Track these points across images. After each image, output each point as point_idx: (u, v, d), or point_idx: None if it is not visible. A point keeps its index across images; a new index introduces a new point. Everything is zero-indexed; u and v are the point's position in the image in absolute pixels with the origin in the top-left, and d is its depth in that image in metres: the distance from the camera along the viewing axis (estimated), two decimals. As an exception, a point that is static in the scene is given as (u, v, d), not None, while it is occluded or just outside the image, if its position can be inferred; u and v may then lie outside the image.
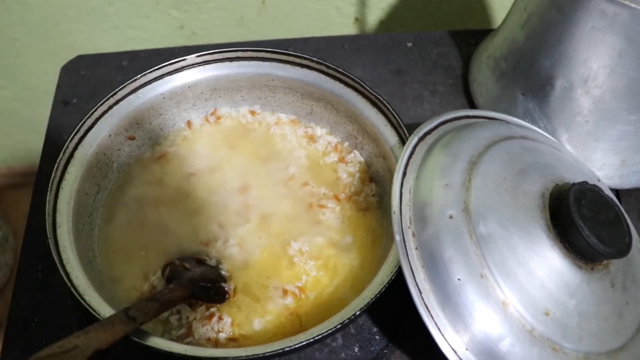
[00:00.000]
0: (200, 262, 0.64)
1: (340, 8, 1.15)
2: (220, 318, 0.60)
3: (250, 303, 0.62)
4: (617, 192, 0.76)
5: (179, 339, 0.59)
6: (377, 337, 0.64)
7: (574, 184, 0.56)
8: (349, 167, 0.73)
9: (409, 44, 0.95)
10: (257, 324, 0.61)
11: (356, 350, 0.63)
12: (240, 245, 0.66)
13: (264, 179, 0.71)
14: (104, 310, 0.54)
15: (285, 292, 0.62)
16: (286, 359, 0.62)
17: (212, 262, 0.64)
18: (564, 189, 0.57)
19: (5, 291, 1.49)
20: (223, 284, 0.63)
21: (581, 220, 0.53)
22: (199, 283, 0.61)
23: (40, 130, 1.39)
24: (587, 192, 0.56)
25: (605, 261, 0.56)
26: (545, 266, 0.53)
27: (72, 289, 0.55)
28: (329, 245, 0.66)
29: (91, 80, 0.90)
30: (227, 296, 0.63)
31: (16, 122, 1.42)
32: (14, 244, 1.56)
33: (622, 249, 0.55)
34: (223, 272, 0.64)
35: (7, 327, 0.65)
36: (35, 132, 1.42)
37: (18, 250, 1.54)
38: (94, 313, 0.53)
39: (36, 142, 1.41)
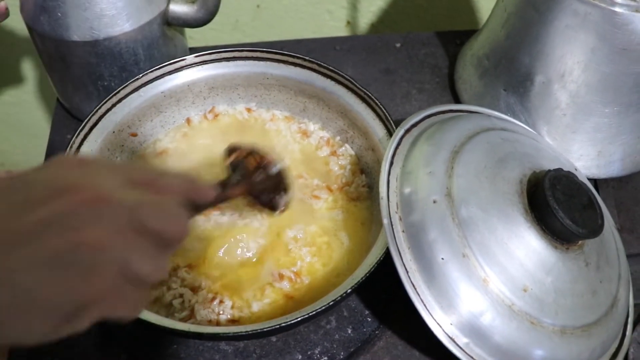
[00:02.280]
0: (262, 164, 0.60)
1: (333, 12, 1.18)
2: (221, 301, 0.64)
3: (248, 287, 0.66)
4: (595, 181, 0.80)
5: (182, 321, 0.62)
6: (369, 319, 0.68)
7: (549, 171, 0.59)
8: (341, 160, 0.76)
9: (398, 45, 0.99)
10: (256, 306, 0.64)
11: (349, 331, 0.67)
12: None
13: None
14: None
15: (281, 276, 0.66)
16: (283, 340, 0.66)
17: (275, 169, 0.60)
18: (540, 175, 0.60)
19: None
20: (281, 195, 0.61)
21: (556, 204, 0.57)
22: (260, 186, 0.58)
23: (39, 134, 1.42)
24: (562, 178, 0.59)
25: (579, 242, 0.59)
26: (523, 246, 0.57)
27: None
28: (322, 233, 0.69)
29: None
30: (282, 208, 0.62)
31: (15, 126, 1.44)
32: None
33: (595, 230, 0.58)
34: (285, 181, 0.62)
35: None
36: (35, 137, 1.45)
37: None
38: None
39: (35, 147, 1.44)
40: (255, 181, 0.58)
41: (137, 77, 0.74)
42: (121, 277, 0.35)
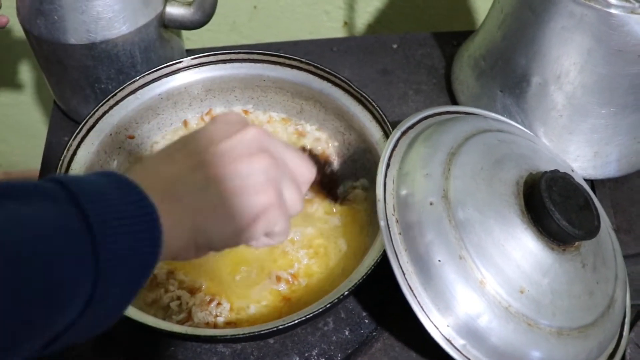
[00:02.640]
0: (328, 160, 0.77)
1: (330, 12, 1.18)
2: (218, 303, 0.64)
3: (246, 289, 0.66)
4: (591, 182, 0.80)
5: (179, 324, 0.63)
6: (367, 321, 0.68)
7: (545, 172, 0.59)
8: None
9: (395, 46, 0.99)
10: (253, 309, 0.64)
11: (347, 333, 0.67)
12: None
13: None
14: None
15: (278, 278, 0.66)
16: (281, 342, 0.66)
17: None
18: (537, 177, 0.60)
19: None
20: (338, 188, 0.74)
21: (552, 205, 0.57)
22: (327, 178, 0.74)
23: (36, 135, 1.43)
24: (558, 180, 0.60)
25: (576, 243, 0.60)
26: (519, 248, 0.57)
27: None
28: (319, 235, 0.70)
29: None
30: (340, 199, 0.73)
31: (13, 127, 1.45)
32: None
33: (591, 232, 0.58)
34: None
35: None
36: (33, 138, 1.45)
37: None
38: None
39: (32, 148, 1.44)
40: (326, 173, 0.69)
41: (134, 79, 0.74)
42: (280, 197, 0.44)
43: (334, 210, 0.72)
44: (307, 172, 0.48)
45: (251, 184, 0.42)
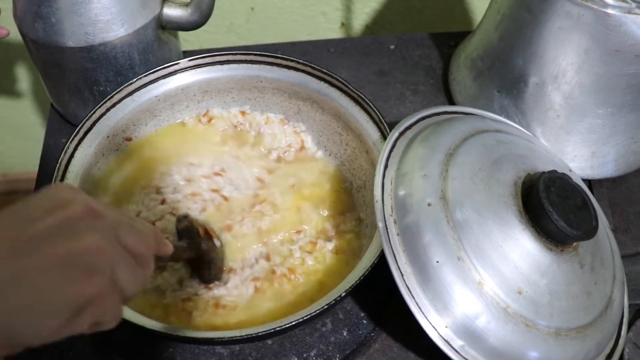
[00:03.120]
0: (208, 236, 0.66)
1: (327, 13, 1.18)
2: (217, 305, 0.64)
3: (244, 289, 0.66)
4: (589, 182, 0.80)
5: (178, 325, 0.62)
6: (365, 322, 0.68)
7: (543, 173, 0.59)
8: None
9: (392, 47, 0.99)
10: (252, 309, 0.64)
11: (345, 334, 0.67)
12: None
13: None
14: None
15: (278, 279, 0.66)
16: (279, 343, 0.66)
17: (218, 243, 0.66)
18: (534, 177, 0.60)
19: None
20: (215, 272, 0.65)
21: (550, 206, 0.57)
22: (201, 258, 0.64)
23: (34, 138, 1.42)
24: (556, 180, 0.60)
25: (574, 243, 0.60)
26: (517, 249, 0.57)
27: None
28: (317, 236, 0.70)
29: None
30: (212, 283, 0.65)
31: (10, 129, 1.44)
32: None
33: (589, 232, 0.58)
34: (224, 261, 0.66)
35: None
36: (30, 140, 1.45)
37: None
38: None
39: (30, 150, 1.44)
40: (202, 249, 0.63)
41: (131, 81, 0.74)
42: (111, 283, 0.39)
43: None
44: (145, 248, 0.43)
45: (71, 274, 0.37)
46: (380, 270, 0.58)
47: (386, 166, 0.63)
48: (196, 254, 0.63)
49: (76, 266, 0.37)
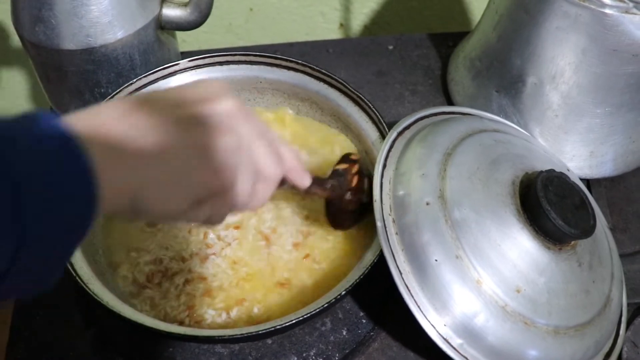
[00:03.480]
0: (357, 188, 0.66)
1: (326, 14, 1.19)
2: (216, 305, 0.64)
3: (246, 290, 0.66)
4: (588, 182, 0.80)
5: (178, 324, 0.62)
6: (364, 321, 0.68)
7: (541, 172, 0.60)
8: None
9: (390, 47, 0.99)
10: (251, 309, 0.65)
11: (344, 333, 0.67)
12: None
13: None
14: (107, 297, 0.58)
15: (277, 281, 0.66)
16: (279, 342, 0.66)
17: (365, 199, 0.67)
18: (532, 176, 0.61)
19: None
20: (352, 219, 0.68)
21: (548, 205, 0.57)
22: (345, 204, 0.66)
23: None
24: (554, 179, 0.60)
25: (572, 242, 0.60)
26: (515, 247, 0.57)
27: (77, 278, 0.58)
28: (318, 237, 0.70)
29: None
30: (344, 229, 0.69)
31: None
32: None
33: (587, 231, 0.58)
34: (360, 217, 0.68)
35: (12, 320, 0.68)
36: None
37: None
38: (97, 299, 0.57)
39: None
40: (345, 198, 0.65)
41: (131, 82, 0.74)
42: (233, 185, 0.41)
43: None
44: (272, 169, 0.45)
45: (206, 164, 0.39)
46: (380, 270, 0.58)
47: (385, 166, 0.63)
48: (336, 198, 0.64)
49: (212, 159, 0.39)
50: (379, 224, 0.59)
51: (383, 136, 0.70)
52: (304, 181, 0.53)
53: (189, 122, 0.39)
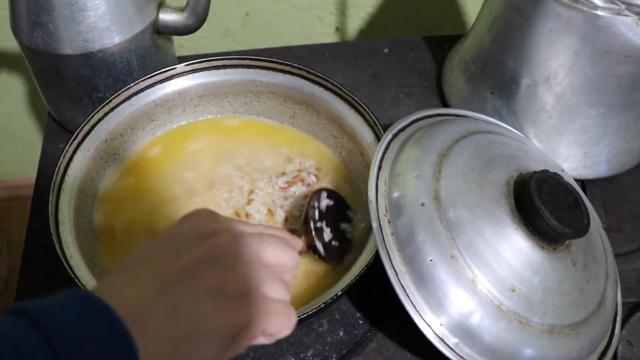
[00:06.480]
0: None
1: (322, 18, 1.19)
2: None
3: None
4: (582, 182, 0.81)
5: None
6: (361, 322, 0.68)
7: (535, 172, 0.60)
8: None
9: (386, 50, 1.00)
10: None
11: (341, 334, 0.67)
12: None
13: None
14: (106, 299, 0.58)
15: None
16: (276, 343, 0.66)
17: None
18: (526, 177, 0.61)
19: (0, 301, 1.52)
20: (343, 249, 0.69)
21: (542, 204, 0.57)
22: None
23: (32, 144, 1.43)
24: (548, 179, 0.60)
25: (566, 242, 0.60)
26: (510, 247, 0.58)
27: (75, 280, 0.59)
28: (314, 238, 0.70)
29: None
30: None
31: (8, 136, 1.45)
32: (8, 256, 1.58)
33: (581, 230, 0.59)
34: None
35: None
36: (28, 146, 1.45)
37: (11, 263, 1.57)
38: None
39: (28, 156, 1.45)
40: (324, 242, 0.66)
41: (129, 86, 0.74)
42: (264, 303, 0.41)
43: None
44: (290, 262, 0.47)
45: (223, 304, 0.39)
46: (376, 270, 0.59)
47: (380, 167, 0.64)
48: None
49: (226, 295, 0.39)
50: (374, 224, 0.60)
51: (379, 138, 0.71)
52: (301, 246, 0.57)
53: (192, 270, 0.39)
